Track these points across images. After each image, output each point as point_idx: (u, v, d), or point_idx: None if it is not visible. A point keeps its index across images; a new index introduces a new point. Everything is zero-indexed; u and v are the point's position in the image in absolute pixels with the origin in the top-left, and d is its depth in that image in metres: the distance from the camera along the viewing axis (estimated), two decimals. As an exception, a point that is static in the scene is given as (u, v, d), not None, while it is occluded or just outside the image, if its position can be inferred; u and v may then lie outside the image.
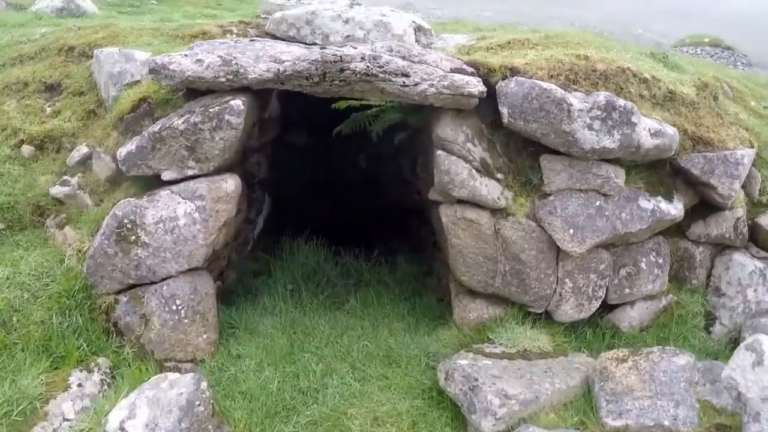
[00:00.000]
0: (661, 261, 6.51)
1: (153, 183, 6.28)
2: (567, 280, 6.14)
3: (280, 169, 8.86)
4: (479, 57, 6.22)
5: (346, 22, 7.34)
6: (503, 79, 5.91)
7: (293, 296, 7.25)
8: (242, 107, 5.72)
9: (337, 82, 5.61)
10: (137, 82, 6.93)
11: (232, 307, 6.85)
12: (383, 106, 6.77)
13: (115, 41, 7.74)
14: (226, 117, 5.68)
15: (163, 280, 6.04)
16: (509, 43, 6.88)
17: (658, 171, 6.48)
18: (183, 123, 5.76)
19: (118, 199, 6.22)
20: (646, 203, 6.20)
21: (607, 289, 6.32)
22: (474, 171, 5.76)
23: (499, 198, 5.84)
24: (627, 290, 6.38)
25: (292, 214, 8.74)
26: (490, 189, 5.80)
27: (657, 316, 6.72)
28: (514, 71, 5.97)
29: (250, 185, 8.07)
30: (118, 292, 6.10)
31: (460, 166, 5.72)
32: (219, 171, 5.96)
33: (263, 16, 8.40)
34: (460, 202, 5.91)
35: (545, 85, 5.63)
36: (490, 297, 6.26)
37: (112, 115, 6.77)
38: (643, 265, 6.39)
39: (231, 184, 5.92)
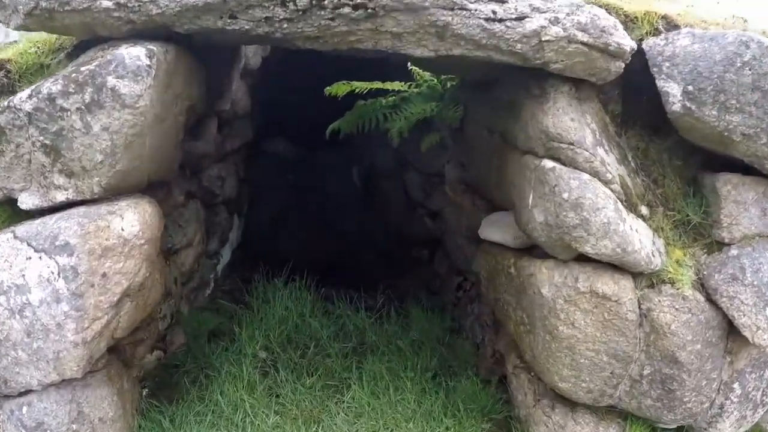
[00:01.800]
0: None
1: (19, 213, 2.75)
2: (735, 384, 2.68)
3: (253, 186, 5.34)
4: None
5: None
6: (655, 35, 2.53)
7: (266, 377, 3.70)
8: (144, 62, 2.11)
9: (347, 9, 2.03)
10: (13, 43, 3.35)
11: (167, 406, 3.32)
12: (406, 92, 3.34)
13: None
14: (110, 82, 2.05)
15: (23, 394, 2.50)
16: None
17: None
18: (31, 99, 2.13)
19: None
20: None
21: (778, 390, 2.98)
22: (620, 204, 2.27)
23: (653, 253, 2.38)
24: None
25: (267, 245, 5.20)
26: (641, 237, 2.34)
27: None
28: (669, 23, 2.60)
29: (209, 206, 4.54)
30: (-40, 401, 2.58)
31: (600, 193, 2.18)
32: (116, 193, 2.34)
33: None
34: (582, 260, 2.40)
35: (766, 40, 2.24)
36: (599, 410, 2.87)
37: (-38, 96, 3.18)
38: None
39: (132, 220, 2.27)
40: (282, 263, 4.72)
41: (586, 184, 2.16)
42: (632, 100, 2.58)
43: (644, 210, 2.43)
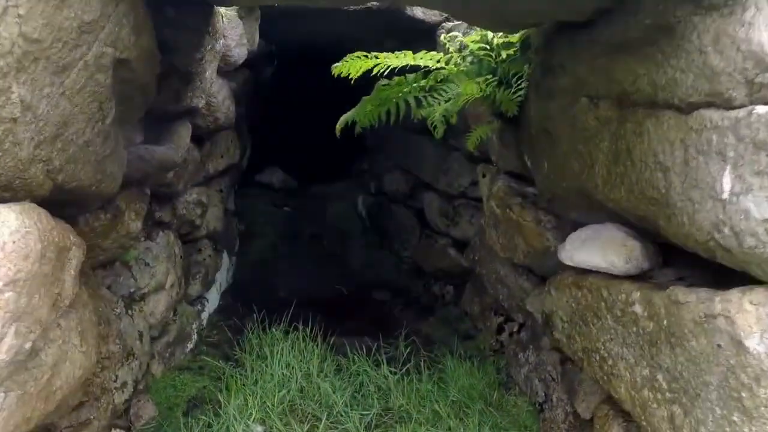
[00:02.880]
0: None
1: None
2: None
3: (245, 219, 4.22)
4: None
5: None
6: None
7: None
8: None
9: None
10: None
11: None
12: (444, 69, 2.30)
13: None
14: None
15: None
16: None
17: None
18: None
19: None
20: None
21: None
22: None
23: None
24: None
25: (263, 287, 4.04)
26: None
27: None
28: None
29: (189, 241, 3.41)
30: None
31: None
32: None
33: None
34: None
35: None
36: None
37: None
38: None
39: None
40: (281, 308, 3.59)
41: None
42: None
43: None
